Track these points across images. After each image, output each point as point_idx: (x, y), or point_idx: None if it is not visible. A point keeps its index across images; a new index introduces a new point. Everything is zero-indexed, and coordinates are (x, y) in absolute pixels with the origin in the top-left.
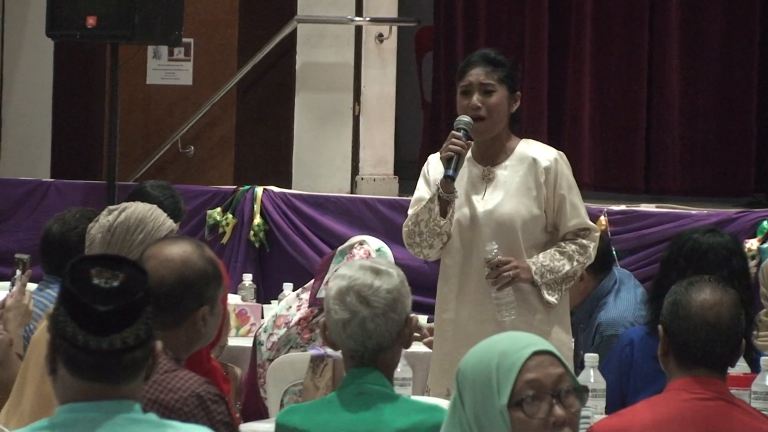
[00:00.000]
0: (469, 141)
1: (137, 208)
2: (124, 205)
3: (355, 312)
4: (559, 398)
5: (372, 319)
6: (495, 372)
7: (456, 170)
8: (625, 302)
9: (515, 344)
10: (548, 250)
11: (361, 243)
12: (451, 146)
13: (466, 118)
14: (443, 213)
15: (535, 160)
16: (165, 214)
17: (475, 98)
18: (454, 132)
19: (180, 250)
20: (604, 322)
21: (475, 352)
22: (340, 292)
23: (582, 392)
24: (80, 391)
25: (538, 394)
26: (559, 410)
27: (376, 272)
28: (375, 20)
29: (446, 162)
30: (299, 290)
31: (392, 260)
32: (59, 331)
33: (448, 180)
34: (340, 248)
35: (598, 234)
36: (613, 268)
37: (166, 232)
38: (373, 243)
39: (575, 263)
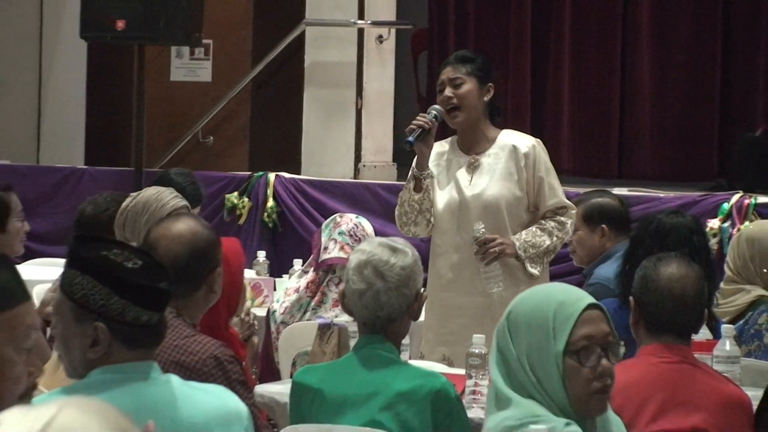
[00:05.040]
0: (434, 121)
1: (145, 194)
2: (141, 191)
3: (371, 284)
4: (606, 351)
5: (385, 292)
6: (552, 320)
7: (416, 140)
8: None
9: (570, 296)
10: (530, 228)
11: (341, 216)
12: (415, 121)
13: (437, 106)
14: (417, 189)
15: (515, 147)
16: (173, 195)
17: (447, 91)
18: (422, 113)
19: (185, 225)
20: (596, 274)
21: (529, 298)
22: (359, 265)
23: (617, 347)
24: (128, 358)
25: (590, 346)
26: (605, 362)
27: (393, 250)
28: (375, 23)
29: (409, 133)
30: (299, 273)
31: (371, 229)
32: (120, 317)
33: (406, 146)
34: (324, 223)
35: (574, 211)
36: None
37: (169, 211)
38: (352, 215)
39: (555, 238)
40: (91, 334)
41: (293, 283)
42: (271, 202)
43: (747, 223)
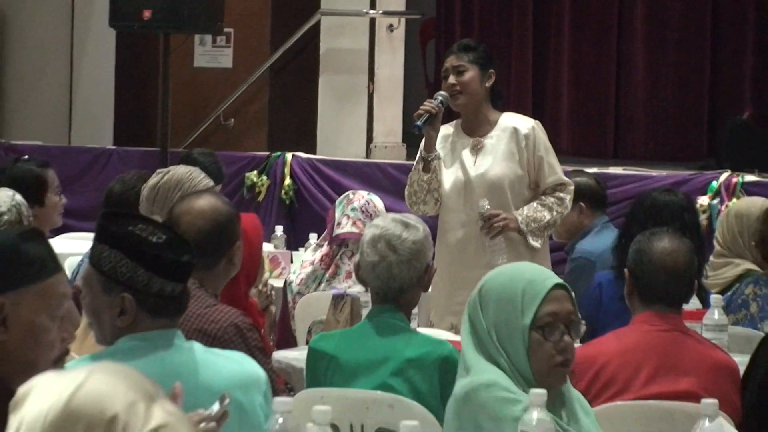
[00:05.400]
0: (440, 106)
1: (177, 171)
2: (170, 168)
3: (384, 257)
4: (569, 329)
5: (397, 265)
6: (521, 296)
7: (424, 124)
8: (603, 238)
9: (539, 275)
10: (531, 203)
11: (354, 193)
12: (422, 107)
13: (443, 92)
14: (426, 170)
15: (516, 129)
16: (203, 176)
17: (451, 79)
18: (428, 99)
19: (206, 201)
20: (578, 249)
21: (501, 275)
22: (373, 239)
23: (579, 325)
24: (153, 327)
25: (555, 322)
26: (567, 338)
27: (406, 225)
28: (386, 13)
29: (417, 118)
30: (314, 246)
31: (382, 206)
32: (145, 288)
33: (415, 130)
34: (338, 200)
35: (572, 187)
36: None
37: (202, 189)
38: (364, 192)
39: (554, 213)
40: (118, 304)
41: (309, 256)
42: (288, 181)
43: (734, 200)
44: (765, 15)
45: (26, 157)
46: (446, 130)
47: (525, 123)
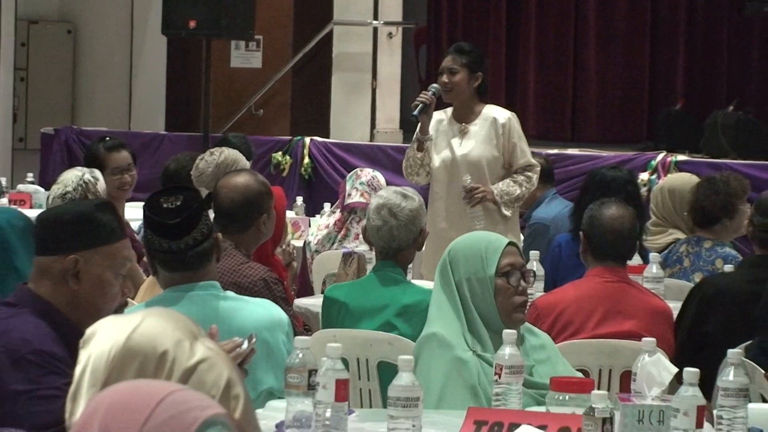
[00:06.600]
0: (433, 97)
1: (230, 151)
2: (219, 149)
3: (386, 222)
4: (523, 276)
5: (397, 228)
6: (484, 251)
7: (419, 112)
8: (554, 206)
9: (494, 236)
10: (505, 180)
11: (361, 170)
12: (418, 98)
13: (436, 85)
14: (420, 149)
15: (495, 119)
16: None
17: (444, 77)
18: (424, 91)
19: (242, 179)
20: (533, 216)
21: (464, 240)
22: (377, 207)
23: (531, 273)
24: (175, 280)
25: (513, 270)
26: (523, 283)
27: (404, 196)
28: (387, 23)
29: (414, 107)
30: (328, 213)
31: (383, 180)
32: (150, 245)
33: (413, 118)
34: (348, 175)
35: (539, 168)
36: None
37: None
38: (369, 169)
39: (523, 188)
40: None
41: (324, 221)
42: (307, 160)
43: (670, 176)
44: (694, 23)
45: (107, 138)
46: (440, 115)
47: (503, 114)
